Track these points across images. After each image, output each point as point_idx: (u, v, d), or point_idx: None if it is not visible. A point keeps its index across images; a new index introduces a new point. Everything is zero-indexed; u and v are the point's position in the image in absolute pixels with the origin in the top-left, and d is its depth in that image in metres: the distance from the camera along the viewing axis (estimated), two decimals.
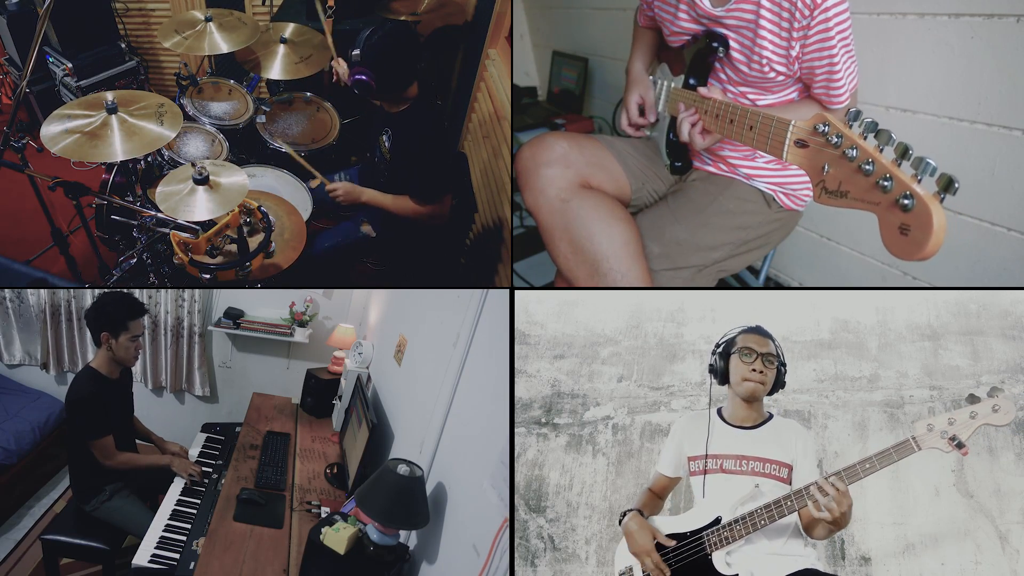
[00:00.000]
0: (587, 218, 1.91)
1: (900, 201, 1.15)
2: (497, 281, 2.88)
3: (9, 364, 3.49)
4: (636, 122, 2.19)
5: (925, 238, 1.13)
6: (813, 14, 1.67)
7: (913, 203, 1.14)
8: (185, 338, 3.47)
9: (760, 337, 1.66)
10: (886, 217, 1.19)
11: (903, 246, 1.17)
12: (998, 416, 1.37)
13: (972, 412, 1.38)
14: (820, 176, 1.31)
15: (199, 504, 2.33)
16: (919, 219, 1.14)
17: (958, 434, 1.37)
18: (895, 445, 1.40)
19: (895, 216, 1.17)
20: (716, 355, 1.70)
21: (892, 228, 1.18)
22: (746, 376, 1.62)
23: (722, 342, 1.70)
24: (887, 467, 1.41)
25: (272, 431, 2.83)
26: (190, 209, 1.98)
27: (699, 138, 1.83)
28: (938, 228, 1.13)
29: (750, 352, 1.62)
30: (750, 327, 1.70)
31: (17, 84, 3.39)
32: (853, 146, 1.24)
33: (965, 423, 1.37)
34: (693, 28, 1.95)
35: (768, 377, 1.62)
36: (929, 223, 1.13)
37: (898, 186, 1.17)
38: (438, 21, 3.16)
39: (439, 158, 2.49)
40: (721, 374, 1.68)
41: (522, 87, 4.61)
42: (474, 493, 1.70)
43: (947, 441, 1.37)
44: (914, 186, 1.15)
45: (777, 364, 1.64)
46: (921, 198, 1.14)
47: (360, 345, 3.00)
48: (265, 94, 3.15)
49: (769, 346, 1.64)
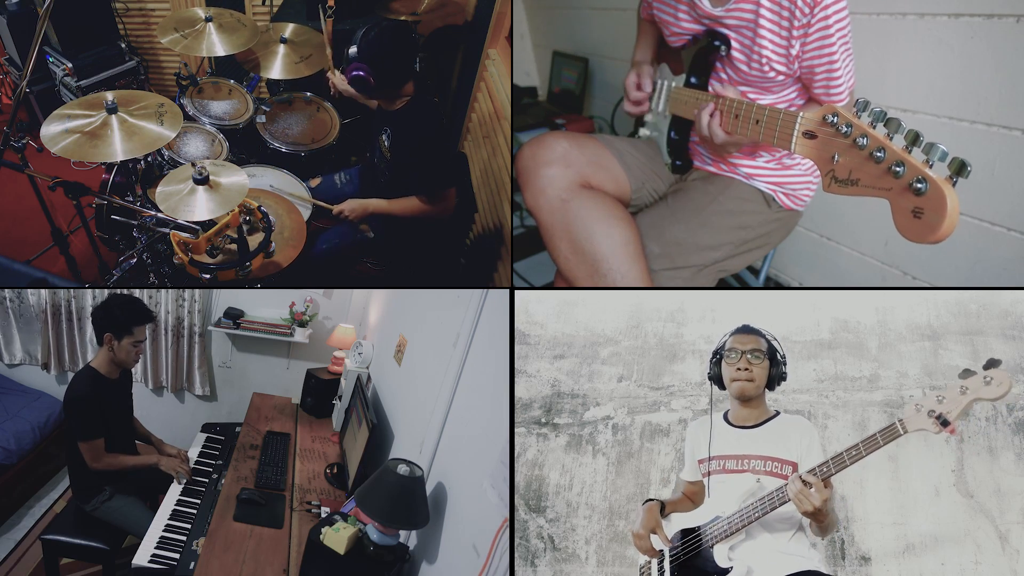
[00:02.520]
0: (587, 218, 1.91)
1: (913, 185, 1.18)
2: (497, 281, 2.87)
3: (9, 364, 3.49)
4: (634, 97, 2.19)
5: (939, 220, 1.16)
6: (813, 12, 1.67)
7: (927, 187, 1.17)
8: (185, 338, 3.47)
9: (744, 335, 1.66)
10: (898, 202, 1.22)
11: (917, 229, 1.20)
12: (990, 389, 1.28)
13: (963, 387, 1.31)
14: (830, 166, 1.34)
15: (199, 504, 2.33)
16: (933, 202, 1.17)
17: (944, 412, 1.30)
18: (881, 430, 1.36)
19: (908, 200, 1.20)
20: (712, 362, 1.72)
21: (905, 212, 1.21)
22: (733, 376, 1.63)
23: (716, 349, 1.71)
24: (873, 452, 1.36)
25: (272, 431, 2.83)
26: (190, 209, 1.98)
27: (719, 131, 1.81)
28: (952, 209, 1.16)
29: (734, 352, 1.64)
30: (737, 328, 1.70)
31: (17, 84, 3.39)
32: (864, 135, 1.26)
33: (955, 400, 1.31)
34: (693, 28, 1.95)
35: (757, 373, 1.61)
36: (943, 205, 1.15)
37: (910, 171, 1.19)
38: (438, 21, 3.16)
39: (440, 154, 2.49)
40: (718, 379, 1.70)
41: (522, 87, 4.61)
42: (474, 493, 1.70)
43: (934, 420, 1.30)
44: (927, 170, 1.17)
45: (767, 358, 1.63)
46: (935, 181, 1.16)
47: (360, 345, 3.00)
48: (265, 94, 3.15)
49: (754, 342, 1.64)
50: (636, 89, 2.19)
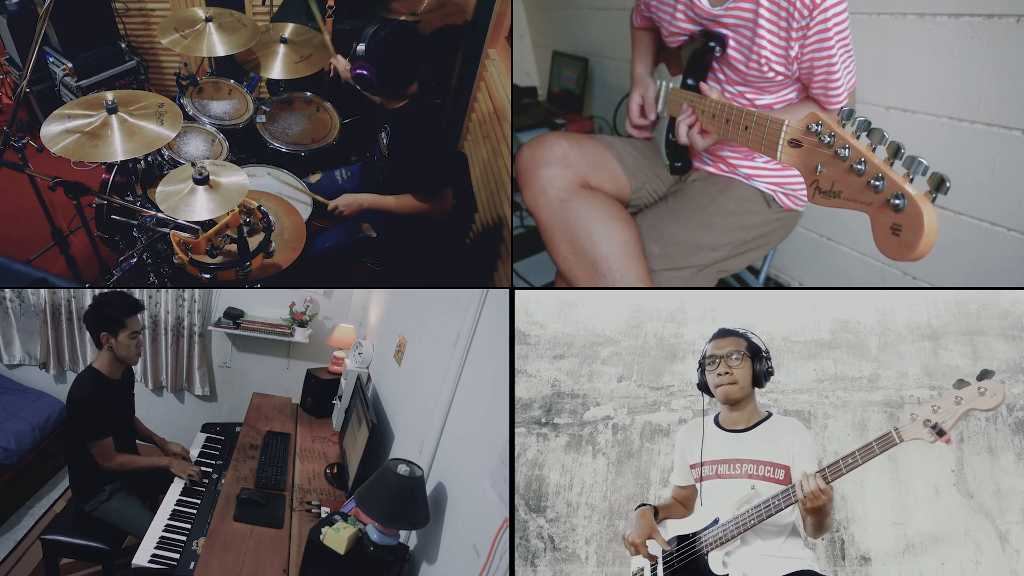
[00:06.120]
0: (587, 218, 1.91)
1: (891, 201, 1.13)
2: (497, 281, 2.87)
3: (9, 364, 3.49)
4: (637, 123, 2.19)
5: (916, 239, 1.11)
6: (812, 14, 1.67)
7: (904, 203, 1.12)
8: (185, 338, 3.47)
9: (721, 340, 1.66)
10: (878, 217, 1.17)
11: (894, 247, 1.15)
12: (984, 400, 1.30)
13: (957, 398, 1.33)
14: (814, 176, 1.30)
15: (199, 504, 2.32)
16: (910, 219, 1.12)
17: (940, 422, 1.31)
18: (877, 438, 1.36)
19: (887, 216, 1.15)
20: (699, 371, 1.71)
21: (884, 228, 1.16)
22: (716, 382, 1.62)
23: (700, 358, 1.71)
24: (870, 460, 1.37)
25: (272, 431, 2.83)
26: (190, 209, 1.98)
27: (698, 138, 1.83)
28: (929, 229, 1.10)
29: (713, 359, 1.64)
30: (714, 333, 1.70)
31: (17, 84, 3.39)
32: (846, 145, 1.22)
33: (950, 410, 1.32)
34: (691, 28, 1.94)
35: (739, 375, 1.60)
36: (920, 223, 1.10)
37: (890, 186, 1.14)
38: (438, 21, 3.16)
39: (438, 153, 2.50)
40: (705, 387, 1.69)
41: (522, 87, 4.61)
42: (474, 493, 1.70)
43: (929, 430, 1.32)
44: (905, 186, 1.13)
45: (748, 357, 1.62)
46: (912, 198, 1.11)
47: (360, 345, 3.00)
48: (265, 94, 3.15)
49: (732, 344, 1.63)
50: (640, 116, 2.18)
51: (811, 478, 1.40)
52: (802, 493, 1.39)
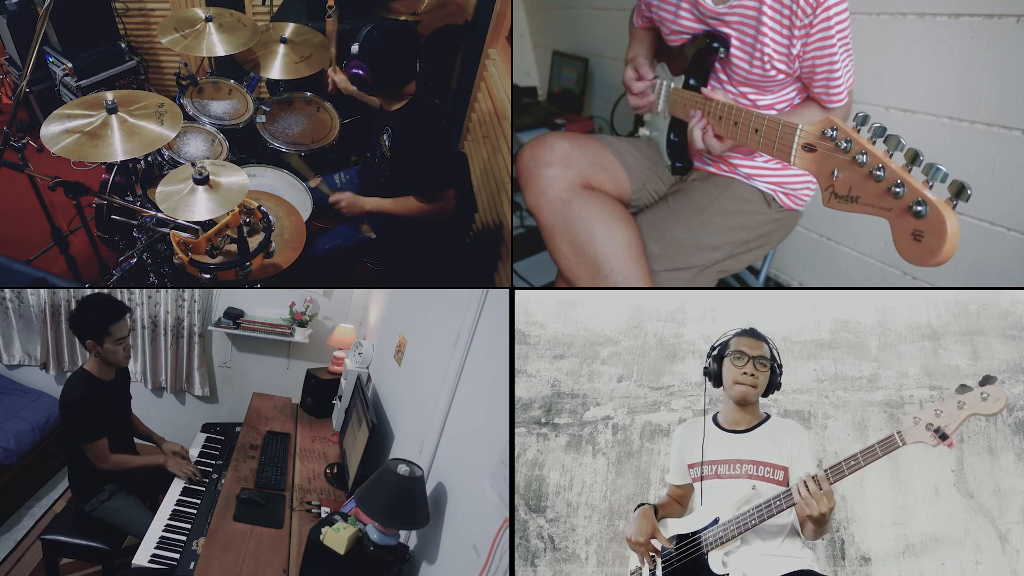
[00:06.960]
0: (588, 219, 1.91)
1: (913, 207, 1.15)
2: (497, 281, 2.88)
3: (9, 364, 3.48)
4: (636, 89, 2.14)
5: (939, 244, 1.13)
6: (816, 12, 1.67)
7: (926, 209, 1.14)
8: (185, 338, 3.47)
9: (752, 340, 1.65)
10: (898, 223, 1.19)
11: (917, 252, 1.17)
12: (987, 405, 1.32)
13: (960, 402, 1.34)
14: (829, 181, 1.31)
15: (199, 504, 2.33)
16: (933, 225, 1.14)
17: (943, 426, 1.33)
18: (880, 441, 1.38)
19: (908, 222, 1.17)
20: (711, 358, 1.70)
21: (905, 234, 1.18)
22: (737, 379, 1.61)
23: (716, 345, 1.70)
24: (872, 463, 1.38)
25: (272, 431, 2.83)
26: (190, 209, 1.97)
27: (715, 143, 1.81)
28: (952, 234, 1.12)
29: (741, 355, 1.62)
30: (744, 329, 1.69)
31: (17, 84, 3.39)
32: (863, 151, 1.23)
33: (952, 414, 1.34)
34: (694, 26, 1.94)
35: (760, 380, 1.61)
36: (943, 229, 1.12)
37: (910, 192, 1.16)
38: (438, 21, 3.16)
39: (439, 154, 2.49)
40: (715, 377, 1.68)
41: (522, 87, 4.61)
42: (474, 493, 1.70)
43: (932, 434, 1.34)
44: (927, 192, 1.14)
45: (771, 366, 1.63)
46: (935, 204, 1.13)
47: (360, 345, 3.00)
48: (265, 94, 3.15)
49: (761, 349, 1.63)
50: (637, 80, 2.13)
51: (810, 480, 1.40)
52: (799, 496, 1.40)
